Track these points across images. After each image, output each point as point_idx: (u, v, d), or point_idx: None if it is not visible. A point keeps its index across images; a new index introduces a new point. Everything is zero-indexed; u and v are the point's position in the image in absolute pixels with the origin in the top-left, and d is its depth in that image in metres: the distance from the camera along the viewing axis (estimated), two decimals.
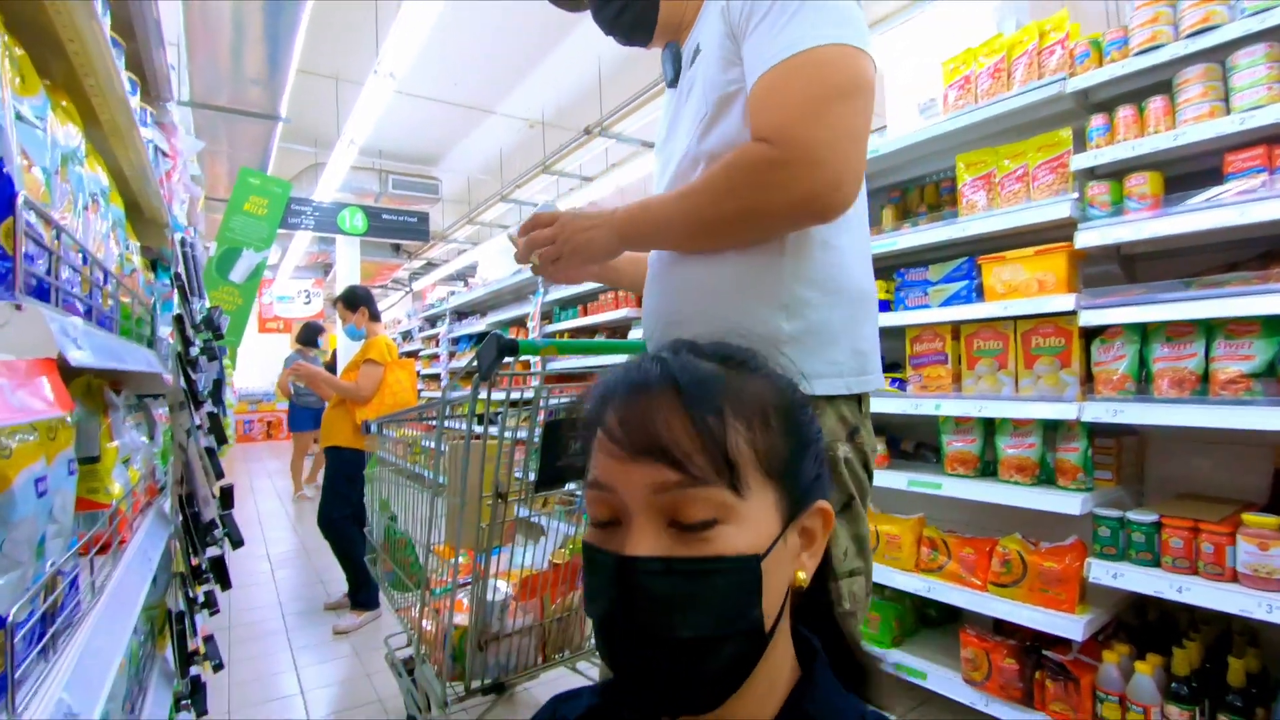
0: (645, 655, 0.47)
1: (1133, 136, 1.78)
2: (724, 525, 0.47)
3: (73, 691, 0.66)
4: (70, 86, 0.89)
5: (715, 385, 0.50)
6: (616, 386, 0.52)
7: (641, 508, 0.48)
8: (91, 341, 0.76)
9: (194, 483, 1.51)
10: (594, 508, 0.51)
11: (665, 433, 0.47)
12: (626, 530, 0.48)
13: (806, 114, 0.81)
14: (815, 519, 0.54)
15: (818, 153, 0.80)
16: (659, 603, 0.46)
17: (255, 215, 2.60)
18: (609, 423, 0.50)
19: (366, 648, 3.03)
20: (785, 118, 0.82)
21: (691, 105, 0.98)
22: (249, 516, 5.96)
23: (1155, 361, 1.73)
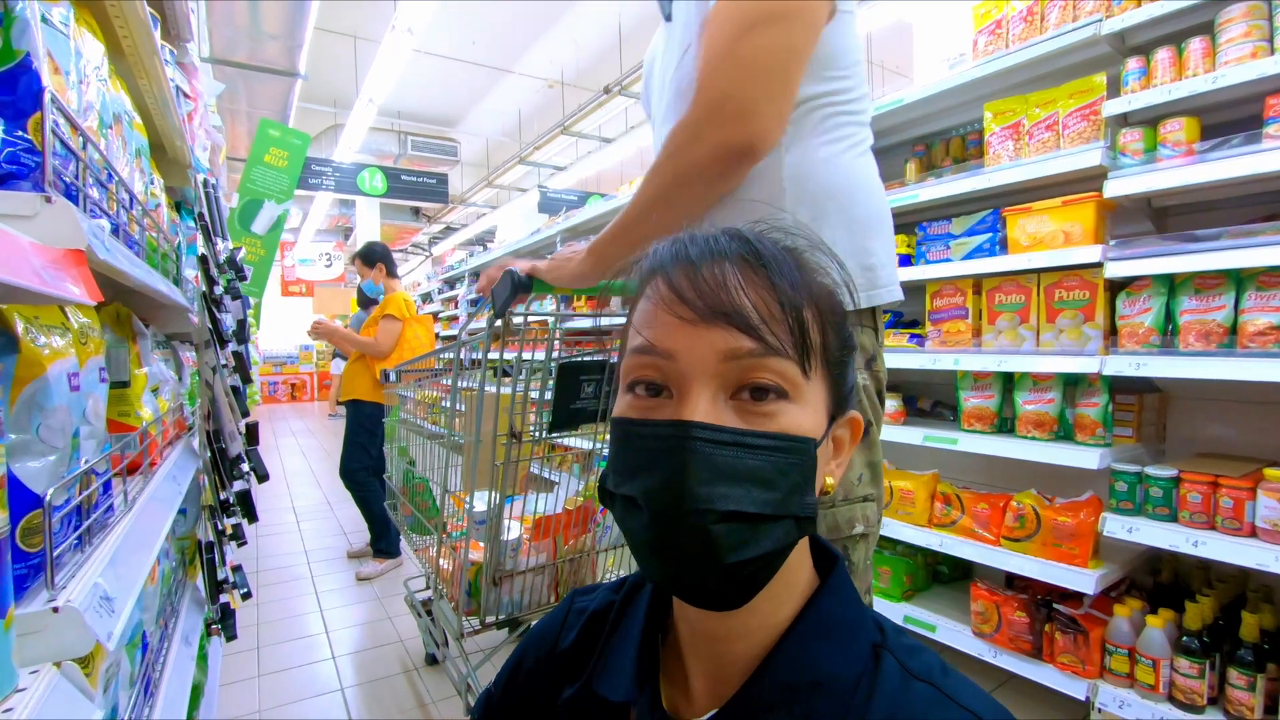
0: (695, 531, 0.43)
1: (1170, 80, 1.71)
2: (789, 403, 0.46)
3: (107, 578, 0.70)
4: (91, 7, 0.90)
5: (794, 261, 0.49)
6: (684, 249, 0.48)
7: (705, 375, 0.45)
8: (119, 252, 0.77)
9: (220, 419, 1.55)
10: (641, 373, 0.48)
11: (743, 298, 0.45)
12: (682, 400, 0.45)
13: (717, 55, 0.83)
14: (846, 428, 0.53)
15: (727, 98, 0.81)
16: (721, 473, 0.43)
17: (276, 167, 2.62)
18: (677, 282, 0.46)
19: (388, 593, 3.13)
20: (703, 66, 0.84)
21: (674, 39, 1.00)
22: (275, 472, 6.13)
23: (1182, 314, 1.70)
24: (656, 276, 0.49)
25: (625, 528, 0.48)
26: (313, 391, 12.91)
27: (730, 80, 0.81)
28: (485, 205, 10.69)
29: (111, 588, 0.70)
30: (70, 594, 0.62)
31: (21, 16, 0.59)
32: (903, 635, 0.51)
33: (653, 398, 0.48)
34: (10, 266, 0.45)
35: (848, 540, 0.92)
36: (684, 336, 0.45)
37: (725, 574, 0.45)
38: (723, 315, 0.45)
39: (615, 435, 0.50)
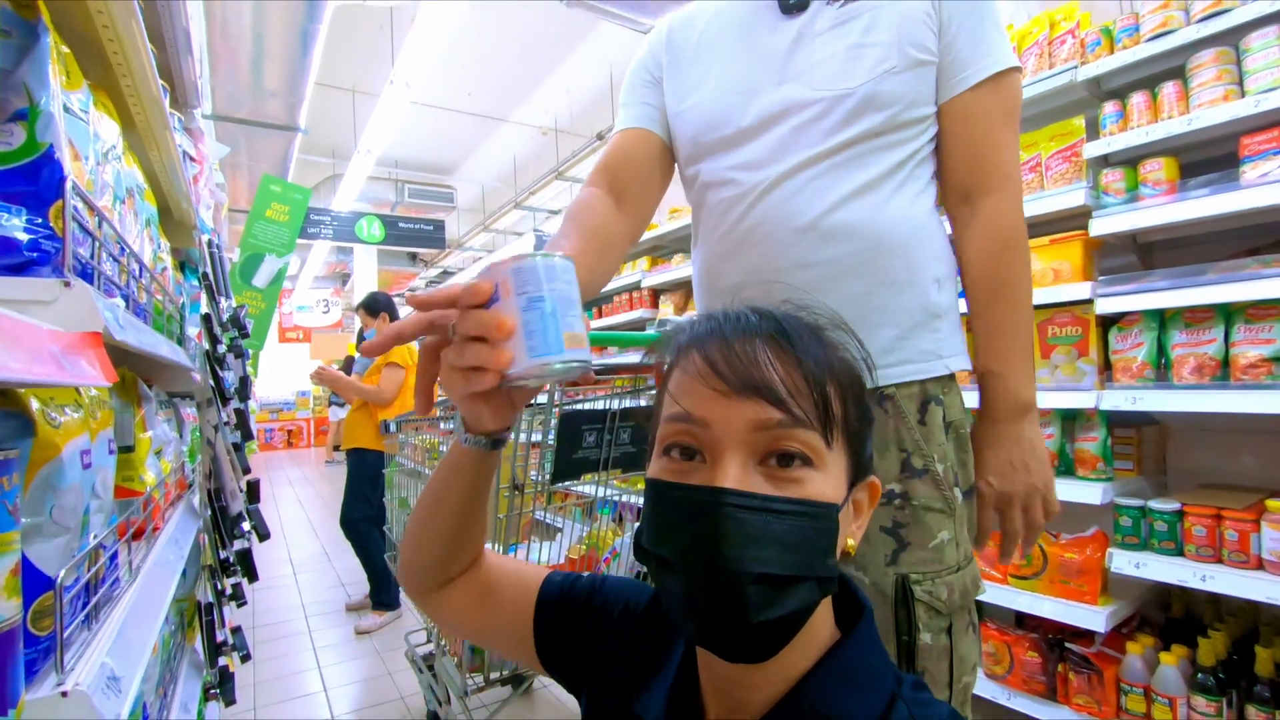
0: (725, 591, 0.46)
1: (1146, 123, 1.77)
2: (814, 470, 0.49)
3: (114, 656, 0.69)
4: (108, 87, 0.94)
5: (818, 338, 0.53)
6: (719, 327, 0.53)
7: (736, 443, 0.48)
8: (131, 326, 0.79)
9: (221, 477, 1.55)
10: (676, 438, 0.51)
11: (772, 374, 0.49)
12: (715, 466, 0.49)
13: (1014, 143, 0.92)
14: (865, 492, 0.56)
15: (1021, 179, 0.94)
16: (750, 537, 0.46)
17: (277, 221, 2.66)
18: (713, 357, 0.50)
19: (388, 647, 3.07)
20: (1010, 155, 0.91)
21: (868, 48, 0.87)
22: (271, 522, 6.03)
23: (1174, 348, 1.72)
24: (693, 350, 0.52)
25: (659, 585, 0.52)
26: (309, 438, 12.83)
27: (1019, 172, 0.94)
28: (481, 249, 10.82)
29: (119, 666, 0.69)
30: (79, 676, 0.61)
31: (46, 110, 0.62)
32: (921, 690, 0.52)
33: (686, 461, 0.51)
34: (34, 359, 0.46)
35: (973, 603, 0.88)
36: (718, 407, 0.49)
37: (754, 632, 0.47)
38: (753, 389, 0.48)
39: (650, 495, 0.53)
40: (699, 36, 1.01)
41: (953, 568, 0.85)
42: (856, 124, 0.87)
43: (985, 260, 0.90)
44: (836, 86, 0.87)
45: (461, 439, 0.63)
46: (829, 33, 0.89)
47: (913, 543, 0.84)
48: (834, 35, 0.89)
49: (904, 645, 0.82)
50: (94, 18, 0.78)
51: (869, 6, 0.88)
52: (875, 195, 0.87)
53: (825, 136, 0.88)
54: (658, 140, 1.04)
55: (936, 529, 0.85)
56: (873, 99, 0.86)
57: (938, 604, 0.83)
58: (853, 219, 0.86)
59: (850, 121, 0.87)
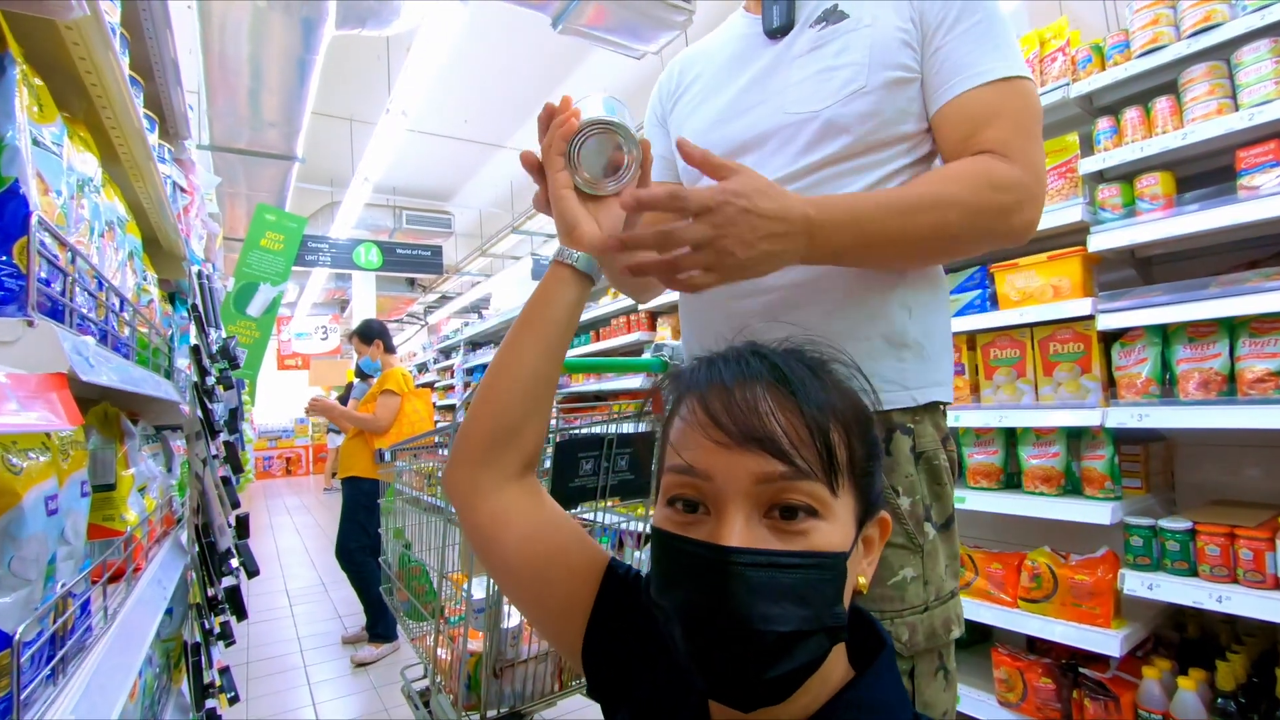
0: (734, 649, 0.46)
1: (1140, 138, 1.77)
2: (820, 521, 0.48)
3: (81, 713, 0.65)
4: (90, 122, 0.92)
5: (820, 382, 0.51)
6: (718, 373, 0.51)
7: (740, 496, 0.47)
8: (105, 363, 0.76)
9: (210, 512, 1.51)
10: (680, 491, 0.50)
11: (774, 424, 0.48)
12: (719, 520, 0.48)
13: (1034, 143, 0.81)
14: (875, 528, 0.55)
15: (1043, 182, 0.81)
16: (757, 595, 0.45)
17: (272, 250, 2.65)
18: (713, 407, 0.49)
19: (385, 681, 2.99)
20: (1024, 143, 0.79)
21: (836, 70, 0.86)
22: (268, 552, 5.97)
23: (1179, 363, 1.69)
24: (693, 398, 0.52)
25: (668, 634, 0.50)
26: (308, 465, 12.75)
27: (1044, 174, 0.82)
28: (479, 274, 10.85)
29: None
30: None
31: (11, 144, 0.60)
32: None
33: (690, 514, 0.50)
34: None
35: (944, 647, 0.83)
36: (720, 459, 0.48)
37: (764, 687, 0.47)
38: (755, 441, 0.47)
39: (656, 545, 0.52)
40: (698, 70, 1.03)
41: (917, 608, 0.81)
42: (824, 146, 0.86)
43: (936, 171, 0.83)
44: (804, 109, 0.87)
45: (559, 254, 0.66)
46: (805, 56, 0.89)
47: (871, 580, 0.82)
48: (810, 58, 0.88)
49: None
50: (70, 49, 0.77)
51: (846, 28, 0.87)
52: None
53: (793, 159, 0.87)
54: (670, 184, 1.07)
55: (898, 566, 0.81)
56: (837, 120, 0.84)
57: (898, 645, 0.79)
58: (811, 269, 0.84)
59: (817, 144, 0.86)
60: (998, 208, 0.77)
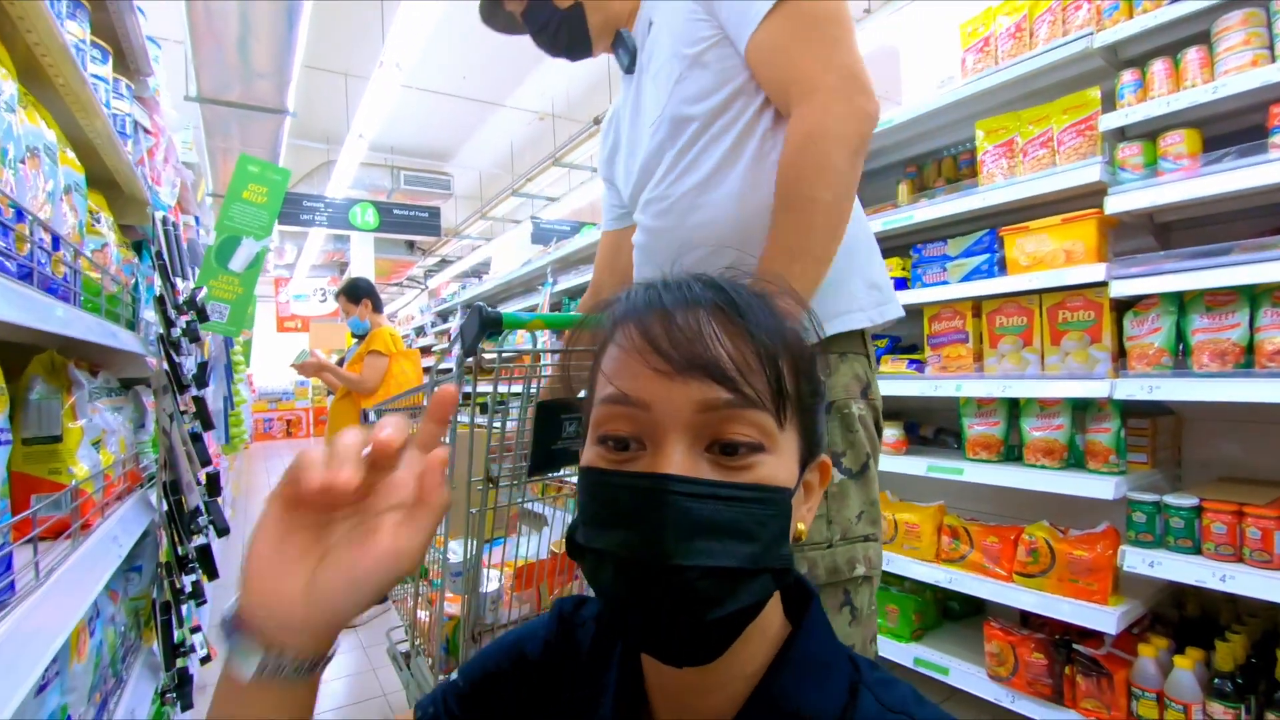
0: (673, 589, 0.42)
1: (1167, 92, 1.65)
2: (765, 455, 0.45)
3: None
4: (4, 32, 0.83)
5: (768, 307, 0.48)
6: (657, 296, 0.47)
7: (681, 428, 0.44)
8: (12, 297, 0.69)
9: (178, 469, 1.46)
10: (613, 424, 0.46)
11: (719, 349, 0.44)
12: (657, 452, 0.44)
13: (822, 48, 0.86)
14: (816, 473, 0.52)
15: (849, 70, 0.85)
16: (700, 528, 0.42)
17: (255, 203, 2.55)
18: (652, 331, 0.45)
19: (373, 641, 2.99)
20: (814, 60, 0.85)
21: (660, 73, 1.00)
22: None
23: (1194, 333, 1.61)
24: (629, 323, 0.47)
25: (596, 583, 0.46)
26: (308, 428, 12.78)
27: (861, 68, 0.86)
28: (479, 237, 10.70)
29: None
30: None
31: None
32: (877, 670, 0.50)
33: (621, 451, 0.46)
34: None
35: (849, 583, 0.88)
36: (659, 387, 0.44)
37: (703, 631, 0.43)
38: (699, 367, 0.44)
39: (585, 485, 0.48)
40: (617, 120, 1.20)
41: (820, 544, 0.86)
42: (681, 135, 0.97)
43: (779, 170, 0.86)
44: (655, 115, 1.00)
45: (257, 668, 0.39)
46: (647, 74, 1.04)
47: None
48: (649, 73, 1.03)
49: None
50: None
51: (655, 33, 1.02)
52: (716, 191, 0.94)
53: (664, 158, 1.00)
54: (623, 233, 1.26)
55: None
56: (679, 110, 0.96)
57: None
58: (703, 221, 0.94)
59: (676, 136, 0.97)
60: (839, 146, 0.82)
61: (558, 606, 0.62)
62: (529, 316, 1.26)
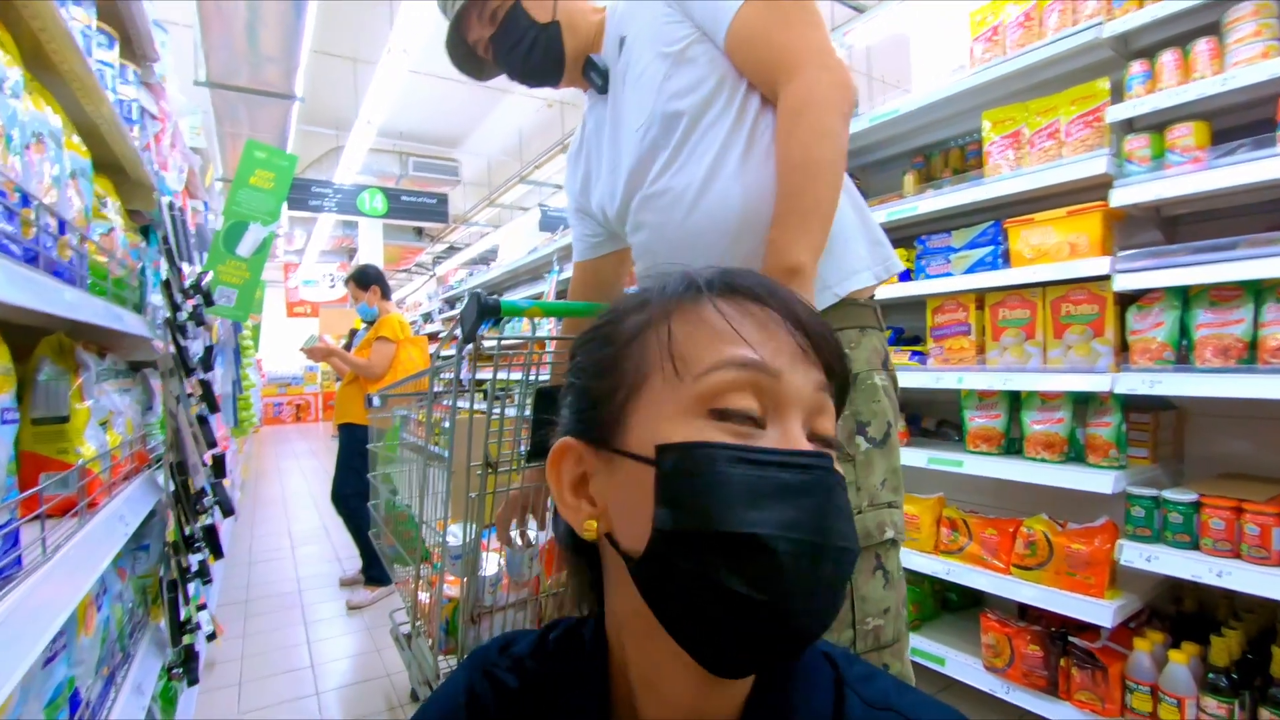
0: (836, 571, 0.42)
1: (1176, 83, 1.63)
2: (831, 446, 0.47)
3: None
4: (10, 19, 0.84)
5: None
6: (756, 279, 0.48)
7: (801, 405, 0.44)
8: (17, 281, 0.71)
9: (184, 450, 1.48)
10: (739, 394, 0.43)
11: (828, 341, 0.47)
12: (782, 430, 0.43)
13: (795, 29, 0.90)
14: None
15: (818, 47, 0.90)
16: (842, 512, 0.43)
17: (262, 188, 2.57)
18: (794, 311, 0.46)
19: (377, 624, 3.04)
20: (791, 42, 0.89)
21: (642, 78, 1.02)
22: (274, 495, 6.07)
23: (1198, 328, 1.60)
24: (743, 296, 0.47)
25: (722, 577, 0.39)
26: (317, 412, 12.90)
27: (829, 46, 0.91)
28: (487, 224, 10.70)
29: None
30: None
31: None
32: (854, 664, 0.50)
33: (751, 426, 0.43)
34: None
35: (880, 547, 0.90)
36: (793, 359, 0.44)
37: (829, 621, 0.43)
38: (823, 350, 0.46)
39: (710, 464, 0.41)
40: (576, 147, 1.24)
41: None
42: (671, 134, 0.98)
43: (778, 141, 0.90)
44: (641, 118, 1.01)
45: None
46: (624, 85, 1.05)
47: None
48: (627, 84, 1.04)
49: None
50: None
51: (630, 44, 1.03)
52: (719, 179, 0.95)
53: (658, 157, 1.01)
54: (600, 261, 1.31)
55: None
56: (667, 107, 0.98)
57: None
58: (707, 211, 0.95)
59: (667, 134, 0.99)
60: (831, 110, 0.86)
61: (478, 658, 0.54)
62: (527, 304, 1.27)
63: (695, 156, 0.98)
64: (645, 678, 0.47)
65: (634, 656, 0.48)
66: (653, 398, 0.44)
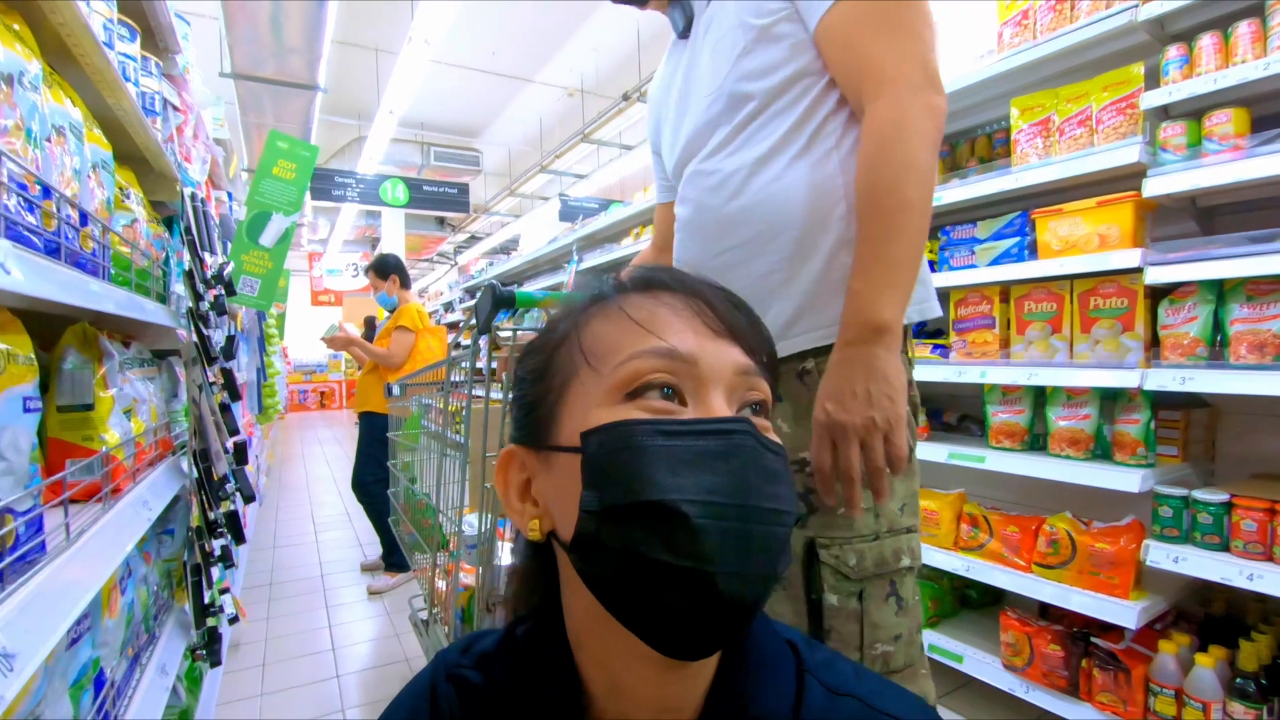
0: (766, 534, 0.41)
1: (1215, 68, 1.57)
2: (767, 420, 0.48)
3: (11, 632, 0.64)
4: (30, 14, 0.85)
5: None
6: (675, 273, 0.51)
7: (722, 383, 0.45)
8: (38, 272, 0.72)
9: (206, 437, 1.51)
10: (653, 376, 0.44)
11: (743, 320, 0.48)
12: (701, 405, 0.45)
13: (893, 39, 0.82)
14: None
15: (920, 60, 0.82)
16: (771, 474, 0.43)
17: (284, 179, 2.60)
18: (706, 297, 0.48)
19: (397, 609, 3.09)
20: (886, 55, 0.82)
21: (721, 42, 0.95)
22: (298, 481, 6.19)
23: (1232, 323, 1.55)
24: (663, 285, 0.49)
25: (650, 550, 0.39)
26: (341, 399, 13.11)
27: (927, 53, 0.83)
28: (508, 214, 10.73)
29: (15, 642, 0.64)
30: None
31: None
32: (816, 650, 0.50)
33: (668, 400, 0.45)
34: None
35: (895, 574, 0.87)
36: (706, 345, 0.46)
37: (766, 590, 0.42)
38: (739, 332, 0.47)
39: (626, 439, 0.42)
40: (662, 87, 1.15)
41: (867, 536, 0.85)
42: (735, 114, 0.93)
43: (859, 172, 0.84)
44: (712, 88, 0.96)
45: None
46: (704, 39, 0.98)
47: (820, 508, 0.85)
48: (707, 40, 0.97)
49: (812, 604, 0.85)
50: None
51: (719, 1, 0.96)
52: (769, 171, 0.91)
53: (719, 133, 0.96)
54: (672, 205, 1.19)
55: None
56: (739, 86, 0.92)
57: (845, 569, 0.84)
58: (751, 202, 0.92)
59: (732, 112, 0.93)
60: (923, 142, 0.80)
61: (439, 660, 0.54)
62: (541, 295, 1.27)
63: (751, 143, 0.93)
64: (606, 673, 0.47)
65: (593, 653, 0.47)
66: (579, 393, 0.46)
